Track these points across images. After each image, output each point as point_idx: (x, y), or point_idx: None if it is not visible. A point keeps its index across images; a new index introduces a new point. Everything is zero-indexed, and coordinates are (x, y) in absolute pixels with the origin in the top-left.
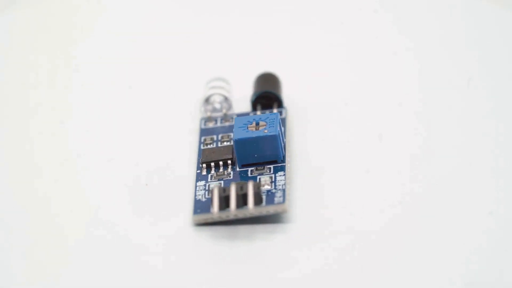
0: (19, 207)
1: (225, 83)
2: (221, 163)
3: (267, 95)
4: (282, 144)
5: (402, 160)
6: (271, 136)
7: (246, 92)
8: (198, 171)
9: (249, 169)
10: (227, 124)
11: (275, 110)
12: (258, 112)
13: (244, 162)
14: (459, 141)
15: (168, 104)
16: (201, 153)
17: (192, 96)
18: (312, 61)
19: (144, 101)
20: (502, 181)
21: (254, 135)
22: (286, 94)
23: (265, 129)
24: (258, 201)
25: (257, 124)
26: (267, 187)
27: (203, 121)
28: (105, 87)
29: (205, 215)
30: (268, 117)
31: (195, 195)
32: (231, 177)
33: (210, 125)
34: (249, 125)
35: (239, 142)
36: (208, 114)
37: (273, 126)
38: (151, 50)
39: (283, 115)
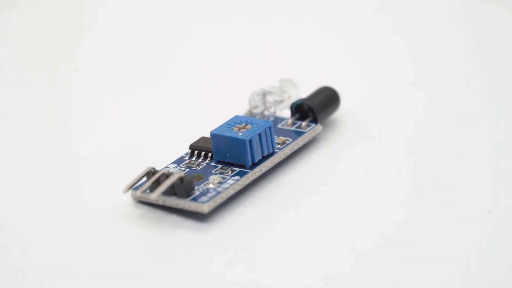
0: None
1: (290, 87)
2: (203, 153)
3: (308, 107)
4: (257, 152)
5: (402, 160)
6: (239, 139)
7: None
8: (184, 154)
9: (219, 166)
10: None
11: (303, 123)
12: (290, 121)
13: (218, 158)
14: (459, 141)
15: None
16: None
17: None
18: (311, 61)
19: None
20: (502, 181)
21: (227, 134)
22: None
23: (242, 131)
24: (182, 194)
25: (246, 126)
26: (211, 185)
27: (249, 112)
28: (105, 87)
29: (133, 192)
30: (258, 123)
31: None
32: (198, 168)
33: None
34: (237, 125)
35: (213, 137)
36: (249, 108)
37: (251, 132)
38: (150, 49)
39: (306, 129)
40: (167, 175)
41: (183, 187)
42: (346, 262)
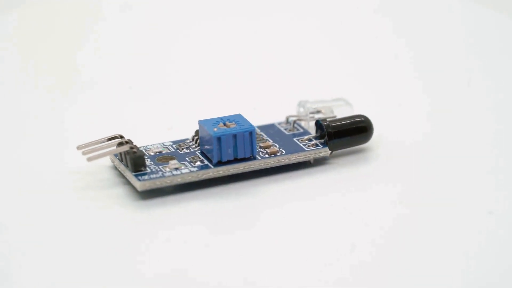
0: None
1: (342, 104)
2: (199, 140)
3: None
4: (227, 152)
5: (401, 160)
6: (210, 134)
7: None
8: (187, 137)
9: (198, 155)
10: (282, 128)
11: (312, 142)
12: (306, 136)
13: (201, 147)
14: (459, 140)
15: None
16: None
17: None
18: (312, 61)
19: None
20: (502, 181)
21: (205, 126)
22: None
23: (220, 128)
24: (130, 166)
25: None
26: (167, 169)
27: (286, 119)
28: (106, 86)
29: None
30: (242, 125)
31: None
32: (180, 152)
33: (283, 125)
34: (227, 122)
35: (199, 126)
36: (288, 115)
37: (225, 131)
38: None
39: (308, 148)
40: (123, 144)
41: (131, 160)
42: (346, 263)
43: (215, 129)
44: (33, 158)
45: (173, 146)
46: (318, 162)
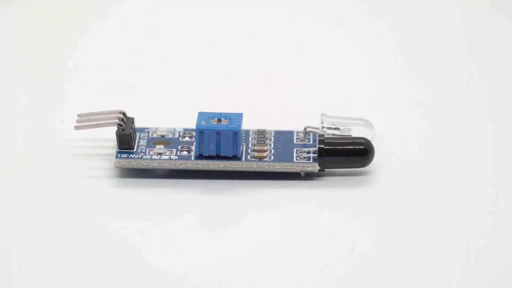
0: None
1: (363, 126)
2: None
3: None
4: (209, 147)
5: (401, 160)
6: (196, 127)
7: None
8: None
9: (191, 145)
10: (296, 137)
11: (305, 155)
12: (307, 149)
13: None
14: (458, 140)
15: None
16: None
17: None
18: (312, 61)
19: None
20: (502, 181)
21: (197, 118)
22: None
23: (209, 123)
24: (117, 143)
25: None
26: (151, 152)
27: (303, 129)
28: (105, 87)
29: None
30: (231, 124)
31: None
32: (180, 140)
33: (300, 134)
34: (222, 118)
35: (198, 114)
36: (305, 126)
37: (210, 126)
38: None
39: (298, 160)
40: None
41: (117, 137)
42: (346, 263)
43: (203, 123)
44: (38, 126)
45: (180, 133)
46: (311, 177)
